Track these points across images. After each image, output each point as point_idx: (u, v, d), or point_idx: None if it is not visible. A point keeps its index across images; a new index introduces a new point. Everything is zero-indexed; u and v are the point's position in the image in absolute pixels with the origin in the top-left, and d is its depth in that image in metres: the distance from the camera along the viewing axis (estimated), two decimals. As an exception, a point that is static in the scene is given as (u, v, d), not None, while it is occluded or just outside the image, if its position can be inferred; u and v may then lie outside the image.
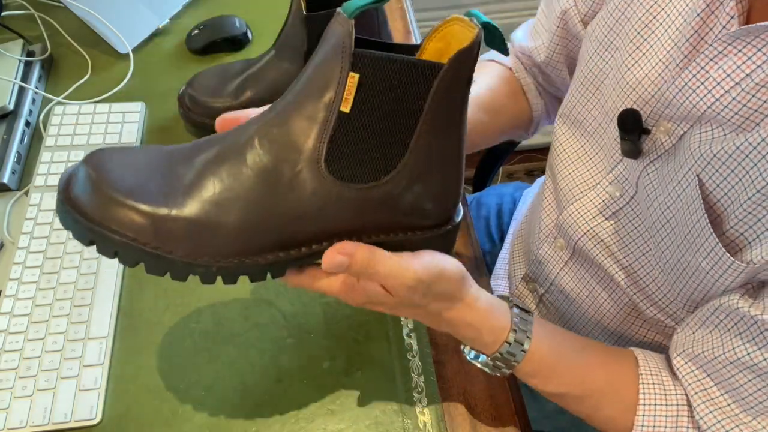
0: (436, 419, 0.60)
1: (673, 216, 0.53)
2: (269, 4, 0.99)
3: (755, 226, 0.46)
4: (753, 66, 0.45)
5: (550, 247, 0.70)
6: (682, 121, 0.52)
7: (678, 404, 0.53)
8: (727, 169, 0.47)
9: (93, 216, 0.42)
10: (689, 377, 0.53)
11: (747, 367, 0.48)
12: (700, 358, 0.52)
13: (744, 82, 0.46)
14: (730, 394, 0.50)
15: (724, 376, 0.50)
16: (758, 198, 0.45)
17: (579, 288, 0.69)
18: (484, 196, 1.03)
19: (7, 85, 0.83)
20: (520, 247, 0.82)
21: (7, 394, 0.60)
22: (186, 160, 0.44)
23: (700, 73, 0.49)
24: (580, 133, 0.67)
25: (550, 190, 0.72)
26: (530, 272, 0.76)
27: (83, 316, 0.65)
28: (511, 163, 1.96)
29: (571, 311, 0.72)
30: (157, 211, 0.42)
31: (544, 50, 0.73)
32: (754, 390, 0.48)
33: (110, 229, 0.42)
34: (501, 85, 0.77)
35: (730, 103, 0.47)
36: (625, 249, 0.61)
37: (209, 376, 0.62)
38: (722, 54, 0.47)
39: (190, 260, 0.43)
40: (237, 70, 0.81)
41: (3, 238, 0.73)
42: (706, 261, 0.50)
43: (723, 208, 0.48)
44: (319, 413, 0.60)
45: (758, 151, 0.45)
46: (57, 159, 0.78)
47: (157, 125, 0.84)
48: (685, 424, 0.52)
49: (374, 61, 0.40)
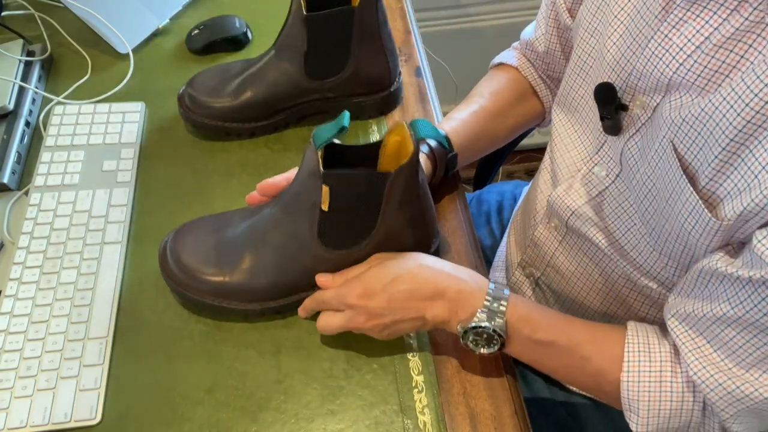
0: (436, 419, 0.60)
1: (654, 184, 0.55)
2: (269, 4, 0.99)
3: (725, 184, 0.48)
4: (710, 29, 0.48)
5: (545, 228, 0.72)
6: (654, 92, 0.54)
7: (662, 360, 0.55)
8: (695, 132, 0.50)
9: (179, 281, 0.65)
10: (683, 336, 0.54)
11: (733, 321, 0.50)
12: (691, 318, 0.54)
13: (704, 45, 0.49)
14: (722, 350, 0.52)
15: (713, 332, 0.52)
16: (724, 155, 0.47)
17: (574, 266, 0.70)
18: (484, 193, 1.04)
19: (7, 85, 0.83)
20: (515, 235, 0.83)
21: (7, 394, 0.60)
22: (231, 242, 0.65)
23: (664, 41, 0.52)
24: (572, 117, 0.70)
25: (548, 170, 0.74)
26: (526, 257, 0.78)
27: (83, 316, 0.65)
28: (511, 163, 1.96)
29: (567, 291, 0.73)
30: (216, 279, 0.64)
31: (543, 41, 0.77)
32: (743, 343, 0.50)
33: (189, 291, 0.65)
34: (506, 90, 0.81)
35: (692, 66, 0.50)
36: (614, 224, 0.63)
37: (209, 376, 0.62)
38: (683, 20, 0.50)
39: (243, 307, 0.65)
40: (237, 70, 0.81)
41: (3, 238, 0.73)
42: (689, 221, 0.51)
43: (695, 170, 0.51)
44: (319, 413, 0.60)
45: (719, 110, 0.47)
46: (57, 159, 0.78)
47: (157, 125, 0.84)
48: (669, 378, 0.55)
49: (338, 177, 0.57)
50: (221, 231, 0.66)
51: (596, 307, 0.71)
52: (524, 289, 0.81)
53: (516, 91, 0.81)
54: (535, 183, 0.78)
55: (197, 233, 0.66)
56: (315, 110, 0.83)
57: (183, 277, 0.64)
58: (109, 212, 0.74)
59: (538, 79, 0.81)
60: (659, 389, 0.55)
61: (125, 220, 0.73)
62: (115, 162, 0.79)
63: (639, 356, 0.56)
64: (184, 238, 0.66)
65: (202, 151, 0.81)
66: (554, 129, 0.72)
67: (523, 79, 0.81)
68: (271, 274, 0.63)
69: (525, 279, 0.80)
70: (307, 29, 0.75)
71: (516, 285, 0.82)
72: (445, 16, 1.66)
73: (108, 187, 0.76)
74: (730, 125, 0.46)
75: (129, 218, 0.74)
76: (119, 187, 0.76)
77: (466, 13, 1.65)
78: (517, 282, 0.81)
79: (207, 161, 0.80)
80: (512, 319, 0.58)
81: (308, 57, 0.77)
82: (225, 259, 0.64)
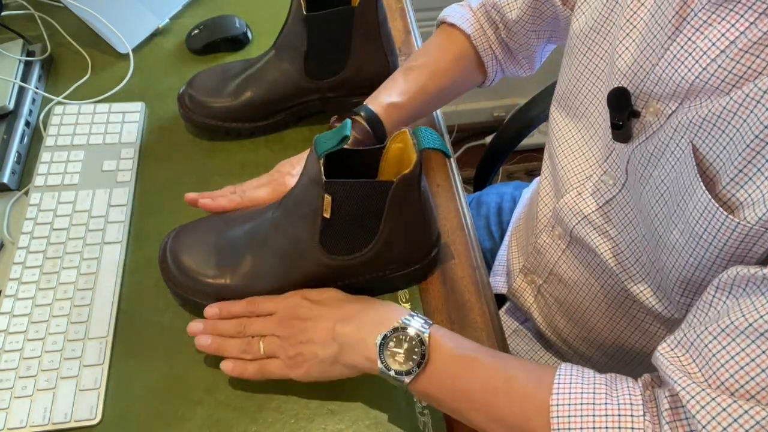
0: (436, 419, 0.60)
1: (667, 189, 0.54)
2: (269, 4, 0.99)
3: (746, 186, 0.46)
4: (737, 33, 0.46)
5: (549, 235, 0.71)
6: (671, 99, 0.52)
7: (595, 383, 0.49)
8: (718, 130, 0.48)
9: (179, 283, 0.65)
10: (672, 359, 0.48)
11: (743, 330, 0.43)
12: (687, 338, 0.48)
13: (729, 50, 0.47)
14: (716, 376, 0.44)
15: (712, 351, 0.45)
16: (747, 154, 0.46)
17: (576, 276, 0.69)
18: (484, 195, 1.03)
19: (7, 85, 0.83)
20: (517, 240, 0.83)
21: (7, 394, 0.60)
22: (231, 244, 0.64)
23: (687, 44, 0.50)
24: (579, 122, 0.68)
25: (549, 179, 0.73)
26: (528, 264, 0.77)
27: (83, 316, 0.65)
28: (511, 163, 1.96)
29: (569, 300, 0.72)
30: (216, 281, 0.64)
31: (516, 9, 0.74)
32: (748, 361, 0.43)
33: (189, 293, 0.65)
34: (452, 70, 0.78)
35: (716, 70, 0.48)
36: (620, 235, 0.62)
37: (209, 376, 0.62)
38: (707, 23, 0.48)
39: None
40: (237, 70, 0.81)
41: (3, 238, 0.73)
42: (700, 223, 0.49)
43: (716, 170, 0.49)
44: (319, 413, 0.60)
45: (744, 107, 0.46)
46: (57, 159, 0.78)
47: (157, 125, 0.84)
48: (603, 400, 0.48)
49: (340, 185, 0.57)
50: (222, 233, 0.66)
51: (600, 317, 0.70)
52: (526, 297, 0.80)
53: (462, 63, 0.78)
54: (537, 189, 0.76)
55: (197, 235, 0.66)
56: (315, 110, 0.83)
57: (183, 279, 0.64)
58: (109, 212, 0.74)
59: (488, 50, 0.78)
60: (592, 412, 0.48)
61: (125, 220, 0.73)
62: (115, 162, 0.79)
63: (571, 378, 0.50)
64: (184, 239, 0.66)
65: (202, 151, 0.81)
66: (555, 133, 0.71)
67: (471, 49, 0.78)
68: (272, 278, 0.63)
69: (527, 286, 0.79)
70: (307, 29, 0.75)
71: (517, 292, 0.80)
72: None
73: (108, 187, 0.76)
74: (756, 121, 0.45)
75: (129, 218, 0.74)
76: (119, 187, 0.76)
77: (466, 13, 1.65)
78: (518, 289, 0.80)
79: (207, 161, 0.80)
80: (436, 334, 0.55)
81: (308, 57, 0.77)
82: (225, 262, 0.64)
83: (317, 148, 0.57)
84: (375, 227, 0.60)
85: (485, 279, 0.70)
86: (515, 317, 0.85)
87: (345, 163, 0.60)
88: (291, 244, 0.61)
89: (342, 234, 0.60)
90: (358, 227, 0.60)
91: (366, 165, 0.62)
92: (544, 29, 0.76)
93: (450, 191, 0.77)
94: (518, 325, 0.84)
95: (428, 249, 0.67)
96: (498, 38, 0.79)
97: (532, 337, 0.83)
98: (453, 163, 0.81)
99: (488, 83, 0.83)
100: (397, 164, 0.61)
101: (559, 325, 0.77)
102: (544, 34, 0.77)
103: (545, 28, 0.76)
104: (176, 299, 0.67)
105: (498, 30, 0.78)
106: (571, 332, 0.76)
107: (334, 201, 0.57)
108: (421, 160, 0.58)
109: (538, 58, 0.82)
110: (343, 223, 0.59)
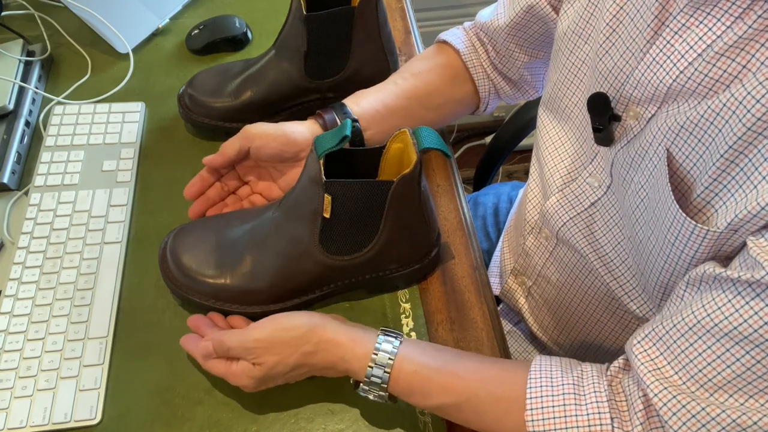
0: (436, 419, 0.60)
1: (647, 194, 0.54)
2: (269, 4, 0.99)
3: (720, 194, 0.47)
4: (713, 36, 0.47)
5: (536, 237, 0.71)
6: (650, 102, 0.53)
7: (564, 393, 0.52)
8: (694, 138, 0.48)
9: (179, 283, 0.65)
10: (641, 356, 0.50)
11: (709, 330, 0.46)
12: (657, 333, 0.50)
13: (705, 53, 0.47)
14: (686, 369, 0.47)
15: (680, 347, 0.48)
16: (722, 163, 0.46)
17: (564, 278, 0.70)
18: (481, 196, 1.03)
19: (7, 85, 0.83)
20: (509, 241, 0.83)
21: (7, 394, 0.60)
22: (232, 244, 0.64)
23: (665, 47, 0.50)
24: (564, 124, 0.68)
25: (537, 181, 0.73)
26: (518, 265, 0.77)
27: (83, 316, 0.65)
28: (511, 163, 1.96)
29: (558, 302, 0.73)
30: (216, 281, 0.63)
31: (503, 23, 0.73)
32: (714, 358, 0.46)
33: (189, 293, 0.65)
34: (443, 78, 0.76)
35: (693, 74, 0.48)
36: (605, 238, 0.62)
37: (209, 376, 0.62)
38: (686, 26, 0.49)
39: (242, 310, 0.64)
40: (237, 70, 0.81)
41: (3, 238, 0.73)
42: (671, 231, 0.50)
43: (692, 179, 0.49)
44: (319, 413, 0.60)
45: (720, 116, 0.46)
46: (57, 159, 0.78)
47: (157, 125, 0.84)
48: (573, 412, 0.51)
49: (340, 185, 0.57)
50: (222, 233, 0.66)
51: (588, 319, 0.70)
52: (517, 297, 0.80)
53: (452, 79, 0.77)
54: (525, 190, 0.76)
55: (197, 235, 0.66)
56: (315, 110, 0.83)
57: (183, 278, 0.64)
58: (109, 212, 0.74)
59: (478, 67, 0.77)
60: (564, 425, 0.51)
61: (125, 220, 0.73)
62: (115, 162, 0.79)
63: (541, 392, 0.53)
64: (184, 239, 0.66)
65: (202, 151, 0.81)
66: (542, 134, 0.70)
67: (460, 64, 0.77)
68: (272, 278, 0.63)
69: (518, 287, 0.80)
70: (307, 29, 0.75)
71: (509, 293, 0.81)
72: (445, 16, 1.66)
73: (108, 187, 0.76)
74: (731, 131, 0.45)
75: (129, 218, 0.74)
76: (119, 187, 0.76)
77: (466, 13, 1.65)
78: (510, 290, 0.81)
79: (207, 161, 0.80)
80: (406, 342, 0.57)
81: (308, 57, 0.77)
82: (225, 262, 0.64)
83: (317, 148, 0.57)
84: (375, 227, 0.61)
85: (485, 279, 0.70)
86: (508, 318, 0.85)
87: (345, 163, 0.61)
88: (291, 244, 0.61)
89: (342, 234, 0.60)
90: (358, 227, 0.61)
91: (366, 165, 0.62)
92: (530, 44, 0.74)
93: (450, 191, 0.77)
94: (512, 326, 0.85)
95: (428, 249, 0.67)
96: (489, 58, 0.77)
97: (525, 338, 0.84)
98: (453, 163, 0.81)
99: (483, 106, 0.80)
100: (397, 164, 0.61)
101: (549, 327, 0.77)
102: (530, 50, 0.75)
103: (531, 42, 0.74)
104: (176, 299, 0.67)
105: (488, 49, 0.77)
106: (560, 333, 0.76)
107: (334, 201, 0.57)
108: (421, 160, 0.58)
109: (530, 78, 0.79)
110: (343, 223, 0.60)
